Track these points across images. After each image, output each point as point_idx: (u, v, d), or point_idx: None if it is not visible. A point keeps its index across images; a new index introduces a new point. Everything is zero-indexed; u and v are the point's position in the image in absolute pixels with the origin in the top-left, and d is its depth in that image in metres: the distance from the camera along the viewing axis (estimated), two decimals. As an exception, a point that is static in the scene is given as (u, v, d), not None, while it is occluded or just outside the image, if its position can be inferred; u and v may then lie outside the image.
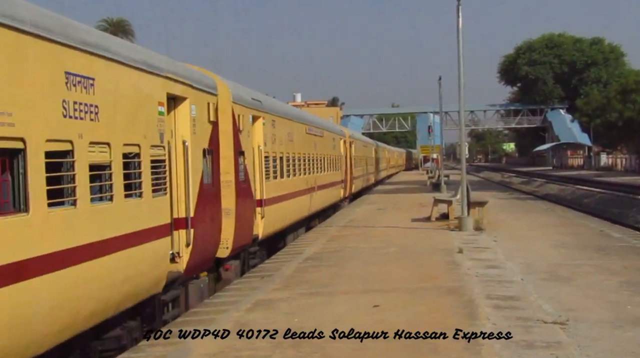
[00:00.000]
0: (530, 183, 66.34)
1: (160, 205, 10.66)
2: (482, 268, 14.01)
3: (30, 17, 7.39)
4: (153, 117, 10.53)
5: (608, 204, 38.39)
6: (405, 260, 15.50)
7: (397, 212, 28.81)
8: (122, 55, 9.49)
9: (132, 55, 10.01)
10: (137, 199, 9.82)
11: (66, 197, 7.98)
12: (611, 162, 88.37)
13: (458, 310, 10.39)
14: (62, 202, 7.89)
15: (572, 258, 15.37)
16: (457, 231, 20.76)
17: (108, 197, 8.95)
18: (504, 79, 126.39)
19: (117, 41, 10.24)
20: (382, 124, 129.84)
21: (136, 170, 9.80)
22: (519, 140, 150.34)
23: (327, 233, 21.66)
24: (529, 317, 9.82)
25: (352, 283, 13.06)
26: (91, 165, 8.45)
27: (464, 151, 24.71)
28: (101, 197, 8.87)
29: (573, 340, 8.64)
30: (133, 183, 9.72)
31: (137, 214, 9.76)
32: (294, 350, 8.51)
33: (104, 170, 8.86)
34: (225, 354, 8.49)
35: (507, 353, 8.10)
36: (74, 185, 8.06)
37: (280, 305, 11.22)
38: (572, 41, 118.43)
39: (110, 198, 8.98)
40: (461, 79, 22.28)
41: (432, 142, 68.31)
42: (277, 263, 16.16)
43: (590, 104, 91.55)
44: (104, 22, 63.92)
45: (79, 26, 8.67)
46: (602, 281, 12.64)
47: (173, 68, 11.59)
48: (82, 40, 8.43)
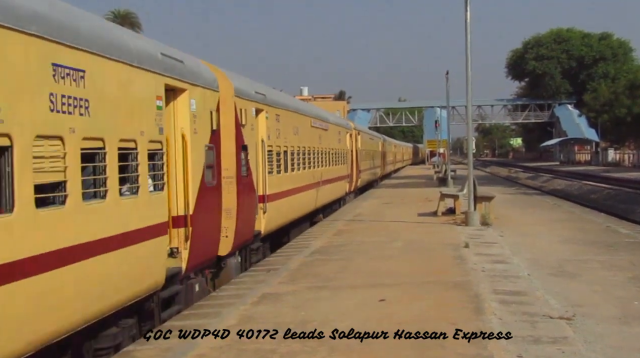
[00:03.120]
0: (537, 179, 66.19)
1: (157, 203, 10.31)
2: (488, 263, 13.99)
3: None
4: (151, 111, 10.12)
5: (615, 200, 38.27)
6: (412, 255, 15.49)
7: (404, 206, 28.79)
8: (114, 46, 9.06)
9: (127, 44, 9.55)
10: (133, 197, 9.48)
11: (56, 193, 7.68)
12: (619, 157, 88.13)
13: (464, 304, 10.38)
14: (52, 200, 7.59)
15: (579, 254, 15.34)
16: (464, 226, 20.73)
17: (102, 194, 8.62)
18: (512, 74, 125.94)
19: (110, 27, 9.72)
20: (389, 118, 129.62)
21: (134, 166, 9.48)
22: (526, 135, 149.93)
23: (334, 228, 21.66)
24: (535, 313, 9.80)
25: (358, 277, 13.06)
26: (84, 159, 8.10)
27: (471, 146, 24.67)
28: (95, 194, 8.53)
29: (579, 336, 8.62)
30: (130, 178, 9.44)
31: (133, 212, 9.41)
32: (300, 344, 8.51)
33: (97, 166, 8.57)
34: (231, 347, 8.50)
35: (513, 348, 8.08)
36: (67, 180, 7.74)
37: (287, 298, 11.22)
38: (580, 36, 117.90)
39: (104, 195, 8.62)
40: (469, 73, 22.21)
41: (439, 137, 68.25)
42: (283, 257, 16.17)
43: (598, 99, 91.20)
44: (110, 14, 63.95)
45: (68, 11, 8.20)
46: (609, 277, 12.61)
47: (171, 59, 11.13)
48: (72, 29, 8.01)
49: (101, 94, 8.54)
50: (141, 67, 9.83)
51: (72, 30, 8.04)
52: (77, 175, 7.92)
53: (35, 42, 7.23)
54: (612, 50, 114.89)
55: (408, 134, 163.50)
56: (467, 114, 24.17)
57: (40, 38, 7.32)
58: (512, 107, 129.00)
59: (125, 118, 9.27)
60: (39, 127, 7.23)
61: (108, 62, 8.79)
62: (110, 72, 8.89)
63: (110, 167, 8.70)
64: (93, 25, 8.80)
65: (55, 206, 7.62)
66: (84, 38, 8.26)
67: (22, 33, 7.00)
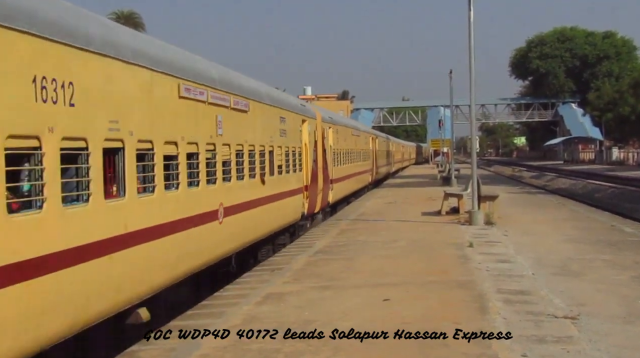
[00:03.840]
0: (541, 178, 66.11)
1: (300, 176, 21.26)
2: (492, 263, 13.98)
3: None
4: (297, 131, 21.28)
5: (619, 199, 38.20)
6: (416, 254, 15.49)
7: (407, 205, 28.78)
8: (283, 103, 19.99)
9: (292, 102, 21.93)
10: (294, 173, 20.46)
11: None
12: (623, 156, 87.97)
13: (468, 304, 10.37)
14: None
15: (583, 253, 15.32)
16: (468, 225, 20.71)
17: (287, 171, 19.48)
18: (515, 73, 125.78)
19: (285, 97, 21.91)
20: (393, 117, 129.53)
21: (297, 158, 21.09)
22: (529, 134, 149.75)
23: (337, 227, 21.66)
24: (539, 312, 9.79)
25: (362, 276, 13.06)
26: (286, 156, 19.55)
27: (475, 145, 24.64)
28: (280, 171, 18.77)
29: (584, 335, 8.60)
30: (294, 164, 20.46)
31: (294, 179, 20.43)
32: (304, 344, 8.50)
33: (286, 159, 19.59)
34: (235, 347, 8.50)
35: (518, 347, 8.07)
36: None
37: (290, 298, 11.22)
38: (584, 35, 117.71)
39: (284, 171, 19.05)
40: (472, 72, 22.20)
41: (443, 136, 68.05)
42: (287, 256, 16.17)
43: (602, 97, 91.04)
44: (113, 14, 63.89)
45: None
46: (614, 276, 12.59)
47: (302, 106, 23.50)
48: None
49: (288, 126, 19.69)
50: (295, 112, 21.11)
51: (262, 95, 17.24)
52: (304, 163, 21.92)
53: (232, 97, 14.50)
54: (615, 49, 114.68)
55: (411, 133, 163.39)
56: (470, 113, 24.13)
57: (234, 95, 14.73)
58: (515, 106, 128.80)
59: (295, 138, 20.84)
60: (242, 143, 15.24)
61: (291, 113, 20.51)
62: (289, 116, 20.17)
63: (292, 160, 19.96)
64: (277, 93, 20.99)
65: (273, 176, 17.65)
66: (276, 99, 19.28)
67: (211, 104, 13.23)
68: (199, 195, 11.98)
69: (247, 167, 15.09)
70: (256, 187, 15.88)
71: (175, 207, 10.89)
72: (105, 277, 8.65)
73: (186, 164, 11.36)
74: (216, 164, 12.89)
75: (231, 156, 13.91)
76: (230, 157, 13.85)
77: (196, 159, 11.87)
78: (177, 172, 10.98)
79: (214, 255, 12.94)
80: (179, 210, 11.03)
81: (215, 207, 12.75)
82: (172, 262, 10.79)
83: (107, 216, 8.71)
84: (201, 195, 12.07)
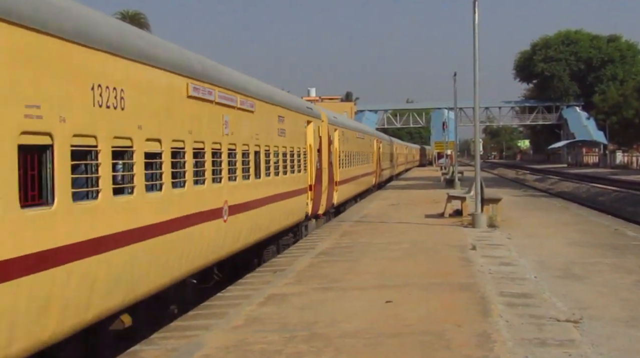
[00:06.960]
0: (544, 181, 66.06)
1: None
2: (495, 265, 13.97)
3: None
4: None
5: (623, 202, 38.17)
6: (418, 256, 15.48)
7: (411, 208, 28.77)
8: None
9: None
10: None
11: None
12: (627, 160, 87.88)
13: (471, 306, 10.36)
14: None
15: (586, 256, 15.30)
16: (471, 228, 20.70)
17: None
18: (520, 76, 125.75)
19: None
20: (397, 119, 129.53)
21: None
22: (533, 137, 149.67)
23: (340, 229, 21.66)
24: (542, 315, 9.77)
25: (365, 278, 13.06)
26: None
27: (479, 148, 24.64)
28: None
29: (586, 339, 8.59)
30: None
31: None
32: (306, 345, 8.50)
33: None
34: (238, 348, 8.50)
35: (520, 350, 8.06)
36: None
37: (293, 299, 11.22)
38: (588, 38, 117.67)
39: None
40: (476, 75, 22.18)
41: (447, 138, 68.09)
42: (290, 257, 16.17)
43: (606, 101, 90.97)
44: (119, 14, 63.95)
45: None
46: (617, 279, 12.57)
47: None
48: None
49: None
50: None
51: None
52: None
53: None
54: (620, 53, 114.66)
55: (415, 135, 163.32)
56: (474, 116, 24.13)
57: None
58: (519, 109, 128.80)
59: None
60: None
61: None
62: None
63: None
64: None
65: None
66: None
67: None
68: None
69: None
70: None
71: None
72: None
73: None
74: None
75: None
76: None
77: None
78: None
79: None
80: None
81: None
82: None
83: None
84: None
